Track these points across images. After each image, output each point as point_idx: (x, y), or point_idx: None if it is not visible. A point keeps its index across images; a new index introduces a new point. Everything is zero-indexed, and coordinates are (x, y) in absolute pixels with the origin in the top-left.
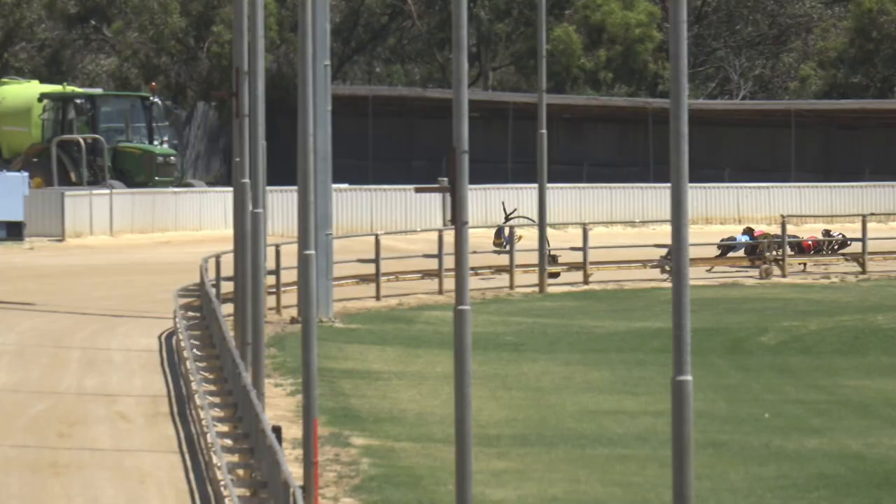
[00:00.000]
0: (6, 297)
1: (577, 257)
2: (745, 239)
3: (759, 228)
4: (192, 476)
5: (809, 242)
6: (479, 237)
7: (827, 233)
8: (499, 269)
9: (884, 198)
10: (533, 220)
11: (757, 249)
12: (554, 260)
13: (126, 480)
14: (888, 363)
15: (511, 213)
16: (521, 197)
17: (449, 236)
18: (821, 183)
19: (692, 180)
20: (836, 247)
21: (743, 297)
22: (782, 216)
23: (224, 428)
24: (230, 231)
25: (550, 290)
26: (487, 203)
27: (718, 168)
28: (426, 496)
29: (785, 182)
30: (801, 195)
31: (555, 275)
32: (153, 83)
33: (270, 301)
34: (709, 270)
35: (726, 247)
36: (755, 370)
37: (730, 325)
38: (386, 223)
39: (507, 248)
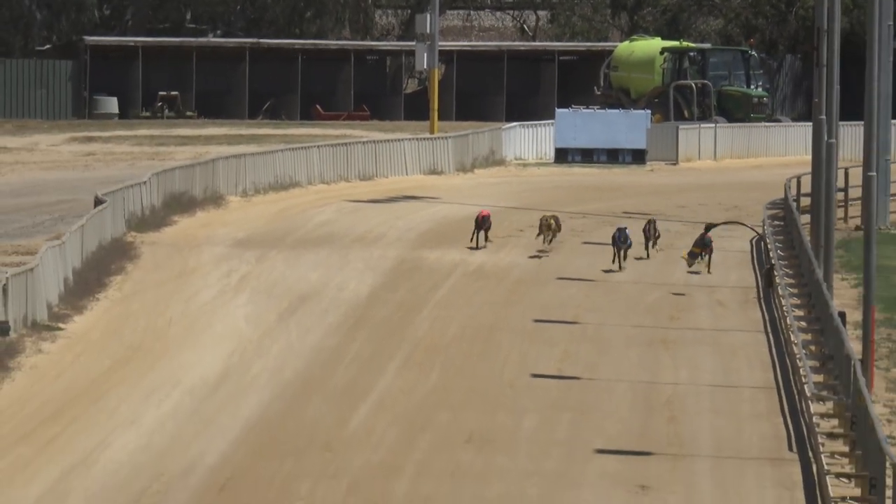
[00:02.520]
0: (631, 209)
1: None
2: None
3: None
4: (773, 350)
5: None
6: None
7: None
8: None
9: None
10: None
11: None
12: None
13: (721, 353)
14: None
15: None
16: None
17: None
18: None
19: None
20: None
21: None
22: None
23: (800, 313)
24: (809, 157)
25: None
26: None
27: None
28: None
29: None
30: None
31: None
32: (751, 39)
33: (839, 213)
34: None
35: None
36: None
37: None
38: None
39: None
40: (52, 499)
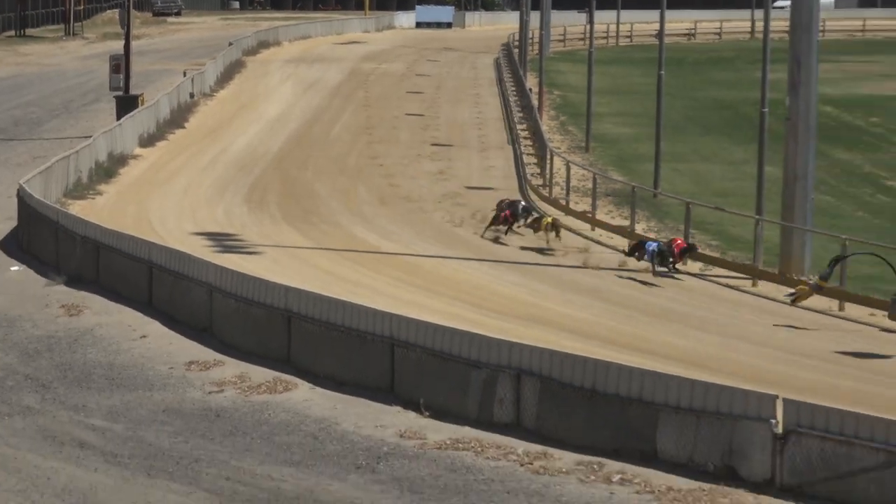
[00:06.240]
0: (449, 46)
1: None
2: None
3: None
4: (503, 104)
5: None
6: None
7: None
8: None
9: None
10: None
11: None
12: None
13: (479, 105)
14: None
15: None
16: None
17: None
18: None
19: None
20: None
21: None
22: None
23: (513, 89)
24: (517, 26)
25: None
26: None
27: None
28: (575, 109)
29: None
30: None
31: None
32: None
33: (531, 48)
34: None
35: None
36: None
37: None
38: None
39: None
40: (212, 163)
